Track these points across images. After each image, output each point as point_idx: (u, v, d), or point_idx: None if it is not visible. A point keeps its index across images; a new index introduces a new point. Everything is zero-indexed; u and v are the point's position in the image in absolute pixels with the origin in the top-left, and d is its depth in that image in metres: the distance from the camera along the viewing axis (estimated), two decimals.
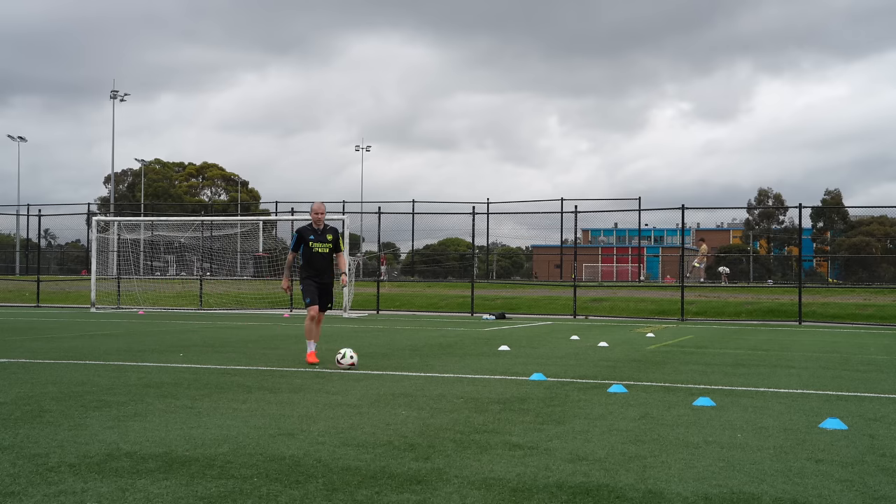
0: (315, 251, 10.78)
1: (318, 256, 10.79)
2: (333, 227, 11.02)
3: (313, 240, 10.81)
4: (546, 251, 53.08)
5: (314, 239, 10.82)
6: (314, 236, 10.83)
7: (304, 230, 10.87)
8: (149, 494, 4.21)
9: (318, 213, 10.87)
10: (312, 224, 10.93)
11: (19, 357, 11.21)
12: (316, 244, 10.80)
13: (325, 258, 10.84)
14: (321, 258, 10.81)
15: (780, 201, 70.42)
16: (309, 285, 10.73)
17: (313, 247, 10.79)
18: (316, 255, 10.78)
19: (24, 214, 40.33)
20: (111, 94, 61.83)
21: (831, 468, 5.06)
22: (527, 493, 4.36)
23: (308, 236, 10.81)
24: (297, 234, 10.92)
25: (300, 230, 10.93)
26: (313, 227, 10.88)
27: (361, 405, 7.20)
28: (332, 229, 10.99)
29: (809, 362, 12.13)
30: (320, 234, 10.85)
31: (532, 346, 14.68)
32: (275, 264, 34.94)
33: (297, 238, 10.90)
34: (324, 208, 11.01)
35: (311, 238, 10.80)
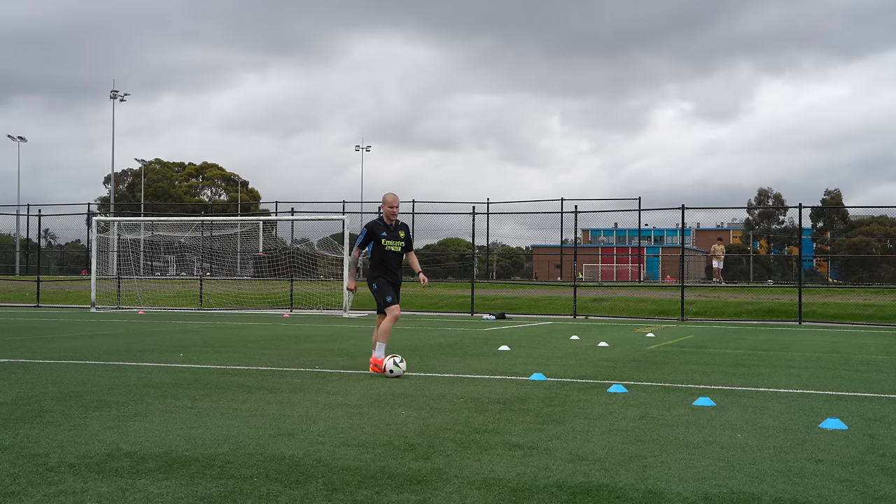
0: (388, 250, 9.75)
1: (392, 256, 9.79)
2: (405, 224, 10.06)
3: (386, 237, 9.74)
4: (546, 251, 53.08)
5: (387, 236, 9.75)
6: (387, 233, 9.76)
7: (376, 226, 9.80)
8: (149, 494, 4.21)
9: (392, 206, 9.81)
10: (384, 219, 9.85)
11: (19, 357, 11.21)
12: (389, 242, 9.75)
13: (397, 258, 9.87)
14: (394, 258, 9.83)
15: (780, 201, 70.41)
16: (384, 285, 9.76)
17: (386, 245, 9.73)
18: (389, 254, 9.76)
19: (24, 214, 40.35)
20: (111, 94, 61.85)
21: (831, 468, 5.06)
22: (527, 493, 4.36)
23: (380, 233, 9.74)
24: (367, 229, 9.80)
25: (370, 225, 9.82)
26: (385, 223, 9.81)
27: (361, 405, 7.20)
28: (404, 225, 10.00)
29: (809, 362, 12.13)
30: (393, 231, 9.82)
31: (532, 346, 14.68)
32: (275, 264, 34.93)
33: (367, 234, 9.79)
34: (398, 201, 9.96)
35: (383, 235, 9.73)
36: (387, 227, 9.81)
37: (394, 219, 9.85)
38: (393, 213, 9.82)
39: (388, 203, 9.82)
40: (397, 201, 9.91)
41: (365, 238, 9.80)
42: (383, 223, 9.83)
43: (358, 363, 10.92)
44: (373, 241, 9.77)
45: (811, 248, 62.70)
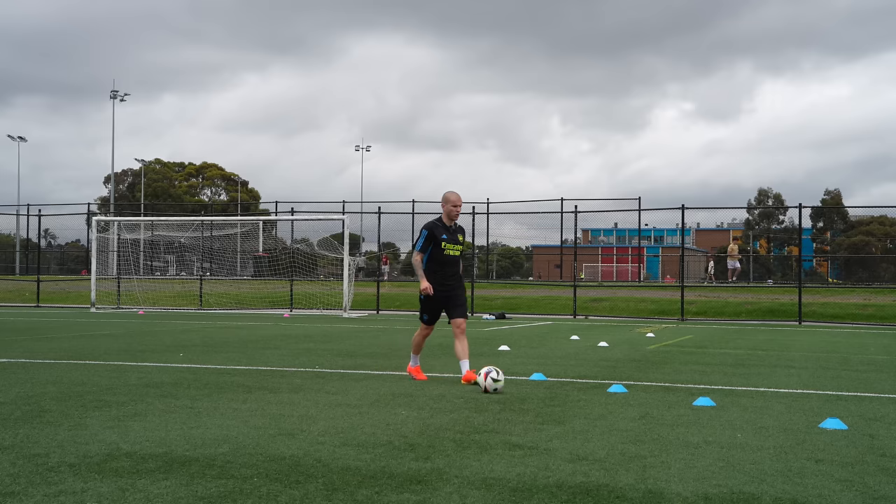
0: (447, 254, 8.92)
1: (450, 260, 8.96)
2: (461, 226, 9.23)
3: (446, 239, 8.91)
4: (546, 251, 53.07)
5: (447, 238, 8.92)
6: (447, 235, 8.93)
7: (436, 227, 8.93)
8: (149, 494, 4.21)
9: (456, 206, 8.99)
10: (443, 219, 9.01)
11: (19, 357, 11.21)
12: (448, 245, 8.93)
13: (456, 263, 9.04)
14: (453, 262, 8.99)
15: (779, 201, 70.41)
16: (432, 300, 8.97)
17: (445, 248, 8.90)
18: (447, 258, 8.93)
19: (24, 214, 40.34)
20: (111, 94, 61.88)
21: (831, 468, 5.06)
22: (527, 493, 4.36)
23: (440, 235, 8.90)
24: (427, 231, 8.92)
25: (430, 227, 8.94)
26: (445, 224, 8.98)
27: (361, 405, 7.20)
28: (462, 228, 9.21)
29: (809, 362, 12.13)
30: (453, 234, 8.98)
31: (532, 346, 14.68)
32: (275, 264, 34.93)
33: (427, 237, 8.91)
34: (462, 200, 9.09)
35: (443, 237, 8.90)
36: (447, 228, 8.98)
37: (455, 219, 9.08)
38: (455, 213, 9.01)
39: (451, 202, 8.96)
40: (461, 201, 9.07)
41: (426, 241, 8.92)
42: (443, 224, 8.97)
43: (358, 363, 10.92)
44: (432, 244, 8.93)
45: (811, 248, 62.71)
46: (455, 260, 9.00)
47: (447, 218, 8.99)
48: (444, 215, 9.01)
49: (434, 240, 8.90)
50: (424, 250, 8.94)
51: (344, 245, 28.73)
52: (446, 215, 8.99)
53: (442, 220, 9.00)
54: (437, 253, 8.90)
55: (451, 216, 8.99)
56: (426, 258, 8.94)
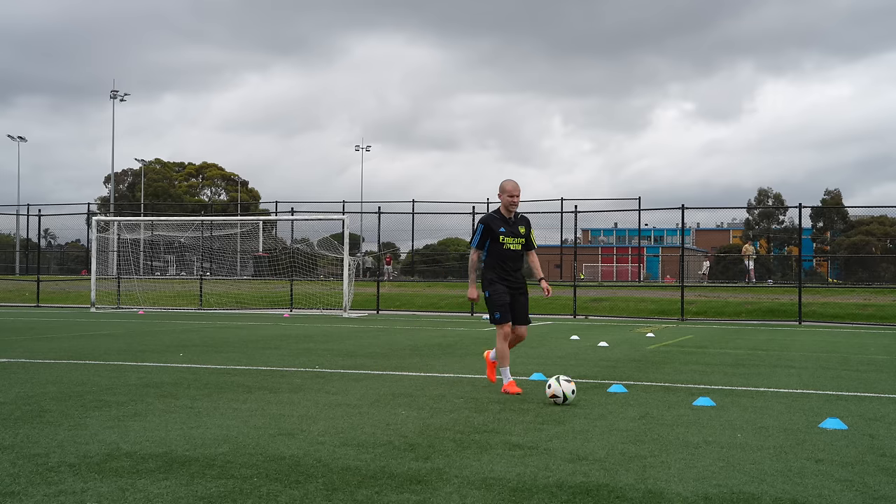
0: (506, 248, 8.28)
1: (510, 255, 8.31)
2: (525, 217, 8.54)
3: (504, 232, 8.28)
4: (546, 251, 53.07)
5: (505, 232, 8.29)
6: (505, 228, 8.31)
7: (492, 220, 8.33)
8: (149, 494, 4.21)
9: (513, 196, 8.31)
10: (501, 210, 8.39)
11: (19, 357, 11.21)
12: (507, 238, 8.28)
13: (518, 258, 8.40)
14: (514, 258, 8.35)
15: (779, 201, 70.41)
16: (499, 292, 8.24)
17: (504, 242, 8.26)
18: (507, 252, 8.28)
19: (24, 214, 40.36)
20: (111, 93, 61.85)
21: (831, 468, 5.06)
22: (527, 493, 4.36)
23: (497, 228, 8.28)
24: (483, 224, 8.34)
25: (486, 220, 8.36)
26: (503, 216, 8.36)
27: (361, 405, 7.20)
28: (524, 219, 8.50)
29: (809, 362, 12.13)
30: (512, 226, 8.36)
31: (532, 346, 14.68)
32: (275, 264, 34.94)
33: (484, 230, 8.30)
34: (519, 189, 8.41)
35: (501, 230, 8.28)
36: (505, 220, 8.35)
37: (514, 210, 8.40)
38: (513, 203, 8.33)
39: (508, 192, 8.31)
40: (518, 189, 8.37)
41: (482, 235, 8.30)
42: (500, 216, 8.35)
43: (358, 363, 10.92)
44: (489, 239, 8.30)
45: (811, 248, 62.69)
46: (517, 255, 8.36)
47: (505, 209, 8.35)
48: (501, 206, 8.39)
49: (491, 234, 8.26)
50: (481, 246, 8.34)
51: (344, 245, 28.74)
52: (504, 206, 8.36)
53: (500, 212, 8.38)
54: (495, 248, 8.28)
55: (508, 207, 8.34)
56: (484, 255, 8.35)
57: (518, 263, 8.39)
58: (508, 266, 8.30)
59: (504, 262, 8.28)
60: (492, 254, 8.31)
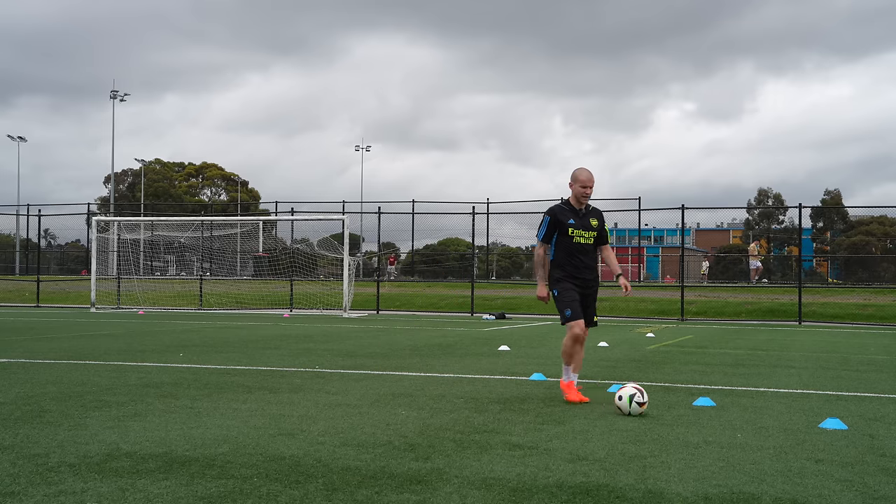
0: (577, 242, 7.63)
1: (582, 250, 7.65)
2: (597, 209, 7.93)
3: (573, 224, 7.63)
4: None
5: (575, 224, 7.64)
6: (575, 220, 7.65)
7: (561, 211, 7.69)
8: (149, 494, 4.21)
9: (586, 186, 7.65)
10: (570, 202, 7.75)
11: (19, 357, 11.21)
12: (577, 231, 7.63)
13: (588, 252, 7.71)
14: (585, 252, 7.68)
15: (779, 201, 70.44)
16: (568, 290, 7.59)
17: (574, 235, 7.62)
18: (578, 247, 7.63)
19: (24, 214, 40.34)
20: (111, 94, 61.87)
21: (831, 468, 5.06)
22: (527, 493, 4.36)
23: (566, 220, 7.63)
24: (550, 216, 7.67)
25: (554, 211, 7.70)
26: (572, 207, 7.71)
27: (361, 405, 7.20)
28: (596, 211, 7.87)
29: (809, 362, 12.13)
30: (583, 218, 7.70)
31: (532, 346, 14.68)
32: (275, 264, 34.93)
33: (551, 222, 7.65)
34: (594, 179, 7.74)
35: (570, 222, 7.63)
36: (575, 212, 7.69)
37: (585, 202, 7.74)
38: (585, 194, 7.66)
39: (581, 182, 7.64)
40: (593, 181, 7.70)
41: (549, 228, 7.66)
42: (570, 207, 7.70)
43: (358, 363, 10.92)
44: (557, 232, 7.66)
45: (811, 248, 62.70)
46: (588, 248, 7.69)
47: (575, 199, 7.69)
48: (572, 197, 7.73)
49: (559, 226, 7.62)
50: (548, 240, 7.69)
51: (344, 245, 28.74)
52: (574, 196, 7.69)
53: (569, 203, 7.74)
54: (564, 242, 7.62)
55: (579, 198, 7.67)
56: (552, 250, 7.71)
57: (589, 259, 7.72)
58: (578, 261, 7.63)
59: (573, 256, 7.62)
60: (560, 248, 7.66)
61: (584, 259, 7.64)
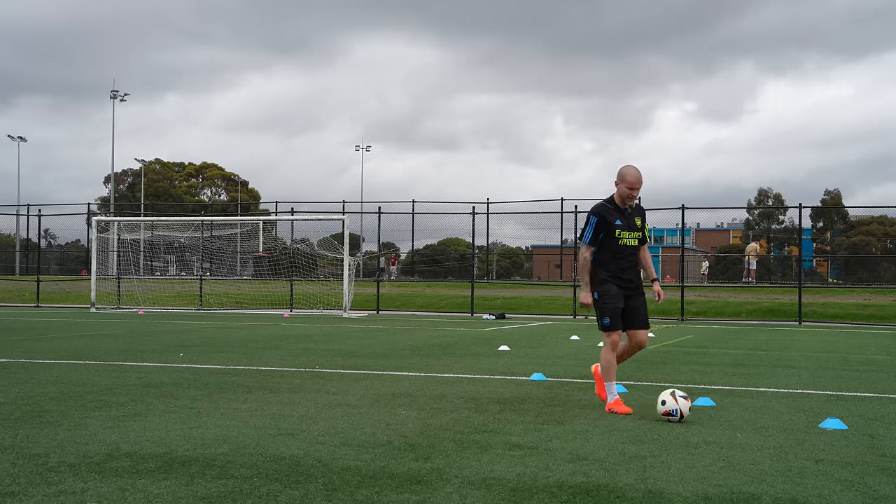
0: (622, 243, 7.20)
1: (627, 252, 7.24)
2: (641, 207, 7.52)
3: (620, 226, 7.20)
4: (546, 251, 53.06)
5: (622, 225, 7.20)
6: (621, 220, 7.21)
7: (606, 210, 7.21)
8: (149, 494, 4.21)
9: (634, 189, 7.18)
10: (615, 200, 7.26)
11: (19, 357, 11.21)
12: (624, 233, 7.20)
13: (633, 254, 7.30)
14: (629, 254, 7.27)
15: (779, 201, 70.44)
16: (610, 294, 7.19)
17: (620, 237, 7.19)
18: (623, 249, 7.22)
19: (24, 214, 40.33)
20: (111, 94, 61.90)
21: (831, 468, 5.06)
22: (527, 493, 4.36)
23: (613, 220, 7.19)
24: (596, 216, 7.18)
25: (600, 211, 7.20)
26: (617, 207, 7.25)
27: (361, 405, 7.20)
28: (640, 210, 7.45)
29: (809, 362, 12.13)
30: (628, 218, 7.26)
31: (532, 346, 14.68)
32: (275, 264, 34.93)
33: (597, 223, 7.18)
34: (642, 179, 7.27)
35: (617, 224, 7.20)
36: (620, 212, 7.24)
37: (630, 203, 7.29)
38: (632, 196, 7.21)
39: (629, 182, 7.17)
40: (641, 181, 7.23)
41: (595, 228, 7.19)
42: (615, 207, 7.25)
43: (358, 363, 10.92)
44: (603, 233, 7.23)
45: (811, 248, 62.69)
46: (633, 251, 7.29)
47: (620, 199, 7.23)
48: (616, 196, 7.25)
49: (606, 227, 7.17)
50: (594, 242, 7.22)
51: (344, 245, 28.74)
52: (619, 196, 7.22)
53: (613, 202, 7.27)
54: (609, 244, 7.20)
55: (625, 198, 7.22)
56: (596, 252, 7.26)
57: (634, 260, 7.34)
58: (623, 264, 7.23)
59: (618, 259, 7.21)
60: (605, 250, 7.22)
61: (629, 261, 7.27)
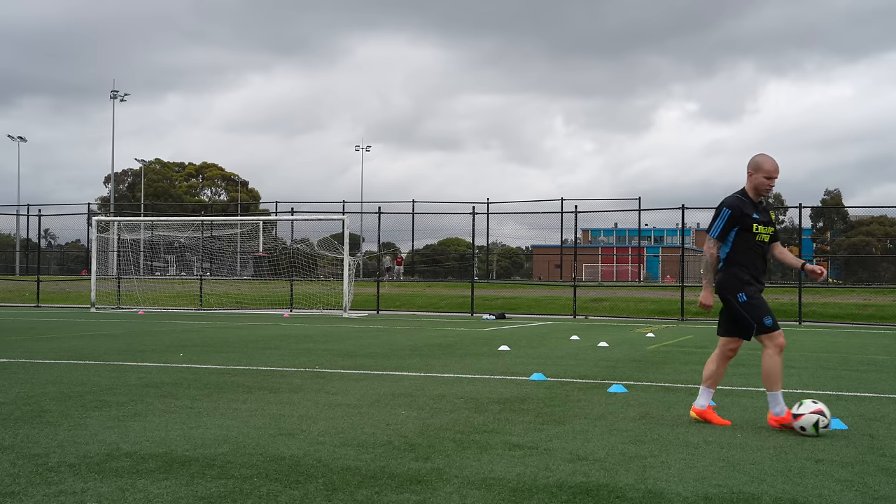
0: (759, 240, 6.58)
1: (764, 249, 6.65)
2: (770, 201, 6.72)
3: (758, 220, 6.55)
4: (546, 251, 53.06)
5: (759, 219, 6.57)
6: (758, 214, 6.59)
7: (742, 203, 6.56)
8: (149, 494, 4.21)
9: (772, 178, 6.59)
10: (749, 193, 6.64)
11: (19, 357, 11.21)
12: (761, 228, 6.56)
13: (767, 251, 6.73)
14: (765, 252, 6.69)
15: (779, 201, 70.43)
16: (759, 296, 6.55)
17: (758, 232, 6.56)
18: (761, 245, 6.61)
19: (24, 214, 40.33)
20: (111, 94, 61.89)
21: (831, 468, 5.06)
22: (527, 493, 4.36)
23: (750, 213, 6.53)
24: (730, 209, 6.53)
25: (734, 203, 6.54)
26: (751, 200, 6.62)
27: (361, 405, 7.20)
28: (769, 204, 6.93)
29: (809, 362, 12.13)
30: (763, 212, 6.66)
31: (532, 346, 14.68)
32: (275, 264, 34.93)
33: (731, 216, 6.51)
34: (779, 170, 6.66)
35: (754, 216, 6.54)
36: (755, 205, 6.62)
37: (766, 194, 6.71)
38: (770, 186, 6.62)
39: (766, 171, 6.57)
40: (779, 170, 6.63)
41: (728, 222, 6.52)
42: (749, 199, 6.62)
43: (358, 363, 10.92)
44: (738, 227, 6.55)
45: (811, 248, 62.70)
46: (767, 248, 6.71)
47: (754, 191, 6.63)
48: (749, 188, 6.65)
49: (741, 221, 6.52)
50: (723, 237, 6.57)
51: (344, 245, 28.74)
52: (753, 188, 6.63)
53: (747, 194, 6.64)
54: (746, 239, 6.55)
55: (761, 190, 6.62)
56: (726, 249, 6.61)
57: (767, 258, 6.78)
58: (761, 264, 6.66)
59: (757, 258, 6.62)
60: (741, 247, 6.57)
61: (764, 261, 6.70)
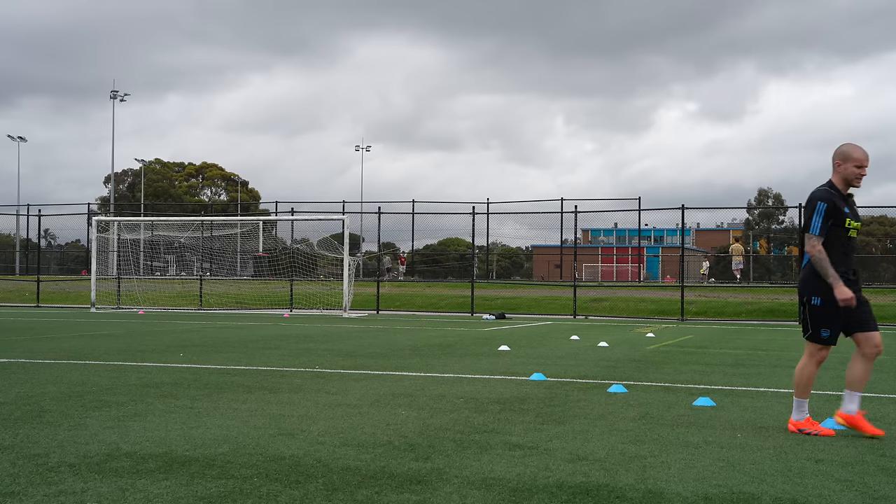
0: (850, 235, 6.16)
1: (854, 244, 6.24)
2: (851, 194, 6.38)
3: (849, 214, 6.14)
4: (546, 251, 53.05)
5: (850, 213, 6.15)
6: (849, 208, 6.18)
7: (833, 196, 6.12)
8: (149, 494, 4.21)
9: (863, 167, 6.16)
10: (837, 185, 6.20)
11: (19, 357, 11.21)
12: (852, 223, 6.13)
13: (855, 247, 6.33)
14: (855, 247, 6.29)
15: (779, 201, 70.48)
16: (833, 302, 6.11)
17: (850, 227, 6.14)
18: (851, 241, 6.19)
19: (24, 214, 40.34)
20: (111, 94, 61.88)
21: (831, 468, 5.06)
22: (527, 493, 4.36)
23: (842, 207, 6.11)
24: (825, 203, 6.07)
25: (828, 196, 6.09)
26: (841, 193, 6.18)
27: (361, 405, 7.20)
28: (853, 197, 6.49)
29: None
30: (852, 206, 6.26)
31: (532, 346, 14.68)
32: (275, 264, 34.93)
33: (828, 210, 6.06)
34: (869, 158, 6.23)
35: (846, 210, 6.13)
36: (844, 198, 6.19)
37: (858, 185, 6.21)
38: (862, 175, 6.16)
39: (856, 160, 6.15)
40: (869, 158, 6.20)
41: (825, 217, 6.05)
42: (839, 192, 6.17)
43: (358, 363, 10.92)
44: (830, 222, 6.10)
45: None
46: (856, 243, 6.32)
47: (843, 183, 6.18)
48: (838, 180, 6.20)
49: (836, 215, 6.08)
50: (825, 233, 6.08)
51: (344, 245, 28.74)
52: (843, 179, 6.18)
53: (835, 186, 6.19)
54: (837, 235, 6.11)
55: (851, 180, 6.16)
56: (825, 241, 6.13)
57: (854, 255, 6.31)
58: (851, 261, 6.20)
59: (848, 254, 6.18)
60: (834, 243, 6.12)
61: (854, 257, 6.26)
